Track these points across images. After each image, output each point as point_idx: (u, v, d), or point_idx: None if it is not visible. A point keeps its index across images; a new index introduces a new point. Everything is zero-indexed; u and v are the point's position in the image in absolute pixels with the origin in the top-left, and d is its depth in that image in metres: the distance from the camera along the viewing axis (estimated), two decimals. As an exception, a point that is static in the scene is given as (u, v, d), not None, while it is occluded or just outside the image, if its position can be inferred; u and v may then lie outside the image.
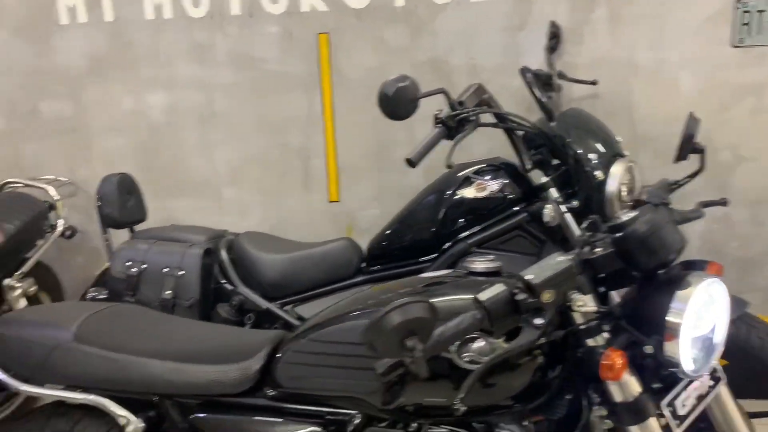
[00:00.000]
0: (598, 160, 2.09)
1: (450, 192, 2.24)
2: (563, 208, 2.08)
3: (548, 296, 1.10)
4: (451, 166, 1.97)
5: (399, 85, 1.90)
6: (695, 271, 1.26)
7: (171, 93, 3.21)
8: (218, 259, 2.43)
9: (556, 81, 2.55)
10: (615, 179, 2.07)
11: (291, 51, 3.06)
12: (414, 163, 1.93)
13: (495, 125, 2.13)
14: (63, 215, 3.00)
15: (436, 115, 2.00)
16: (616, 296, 1.42)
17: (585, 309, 1.14)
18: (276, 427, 1.40)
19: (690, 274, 1.23)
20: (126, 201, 2.58)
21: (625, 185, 2.10)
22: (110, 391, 1.48)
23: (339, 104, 3.09)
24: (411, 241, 2.31)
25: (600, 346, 1.23)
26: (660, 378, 1.27)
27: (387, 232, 2.37)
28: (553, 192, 2.11)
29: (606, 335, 1.25)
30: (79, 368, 1.47)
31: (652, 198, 1.30)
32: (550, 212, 2.03)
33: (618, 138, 2.23)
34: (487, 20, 2.87)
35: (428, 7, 2.90)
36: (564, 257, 1.17)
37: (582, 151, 2.10)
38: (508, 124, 2.14)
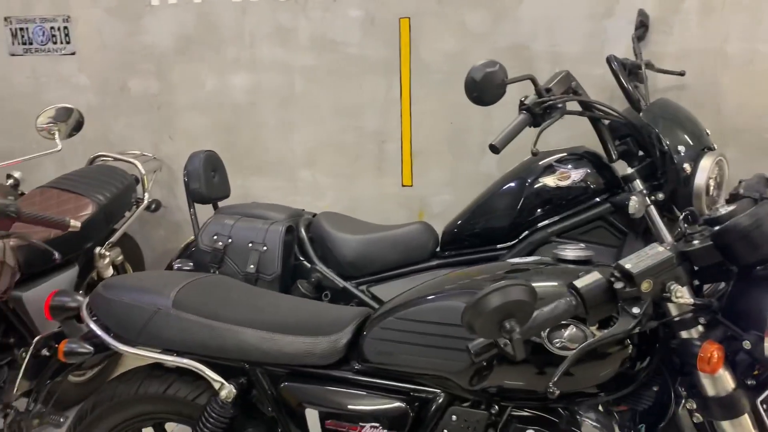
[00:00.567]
0: (687, 153, 2.05)
1: (531, 180, 2.22)
2: (648, 201, 2.05)
3: (647, 286, 1.12)
4: (536, 153, 1.97)
5: (487, 71, 1.89)
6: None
7: (253, 74, 3.28)
8: (298, 237, 2.49)
9: (643, 71, 2.50)
10: (704, 173, 2.01)
11: (372, 35, 3.08)
12: (498, 149, 1.93)
13: (581, 113, 2.10)
14: (149, 189, 3.14)
15: (522, 102, 1.99)
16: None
17: (683, 300, 1.13)
18: (361, 400, 1.44)
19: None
20: (211, 177, 2.67)
21: (713, 179, 2.05)
22: (204, 357, 1.53)
23: (416, 89, 3.10)
24: (487, 228, 2.30)
25: (695, 339, 1.22)
26: (754, 375, 1.25)
27: (463, 218, 2.37)
28: (639, 183, 2.08)
29: (701, 328, 1.24)
30: (177, 333, 1.53)
31: (751, 192, 1.28)
32: (636, 204, 2.00)
33: (707, 131, 2.17)
34: (573, 7, 2.82)
35: (513, -7, 2.88)
36: (662, 248, 1.17)
37: (670, 143, 2.05)
38: (595, 113, 2.11)
